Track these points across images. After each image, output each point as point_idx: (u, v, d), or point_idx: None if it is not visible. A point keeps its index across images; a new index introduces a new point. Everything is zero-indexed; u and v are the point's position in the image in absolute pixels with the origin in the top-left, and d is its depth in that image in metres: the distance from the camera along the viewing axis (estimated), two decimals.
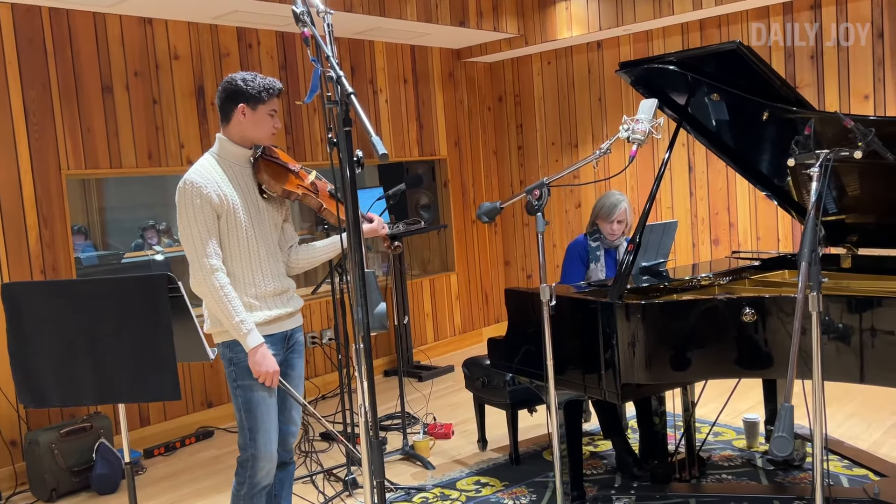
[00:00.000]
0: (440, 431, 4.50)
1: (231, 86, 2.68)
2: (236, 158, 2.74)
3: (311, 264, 2.94)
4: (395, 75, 6.24)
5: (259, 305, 2.72)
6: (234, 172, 2.72)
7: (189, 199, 2.61)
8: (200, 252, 2.60)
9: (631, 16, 5.56)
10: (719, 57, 3.09)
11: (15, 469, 4.20)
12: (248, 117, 2.68)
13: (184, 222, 2.62)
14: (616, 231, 3.93)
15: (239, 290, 2.67)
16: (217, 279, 2.59)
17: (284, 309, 2.80)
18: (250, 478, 2.72)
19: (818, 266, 2.16)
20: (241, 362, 2.66)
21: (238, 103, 2.67)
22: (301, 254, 2.91)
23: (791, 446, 1.96)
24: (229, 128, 2.72)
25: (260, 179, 2.74)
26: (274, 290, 2.77)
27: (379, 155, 1.78)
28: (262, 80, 2.69)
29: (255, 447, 2.70)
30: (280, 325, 2.80)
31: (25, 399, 2.36)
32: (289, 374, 2.86)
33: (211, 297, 2.61)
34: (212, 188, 2.62)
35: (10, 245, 4.26)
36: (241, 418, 2.72)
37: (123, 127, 4.70)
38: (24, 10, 4.30)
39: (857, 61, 5.03)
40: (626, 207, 3.93)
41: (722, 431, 4.22)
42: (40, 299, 2.31)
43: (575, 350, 3.13)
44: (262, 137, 2.74)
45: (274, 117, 2.73)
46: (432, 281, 6.61)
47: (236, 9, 4.72)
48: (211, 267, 2.59)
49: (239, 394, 2.70)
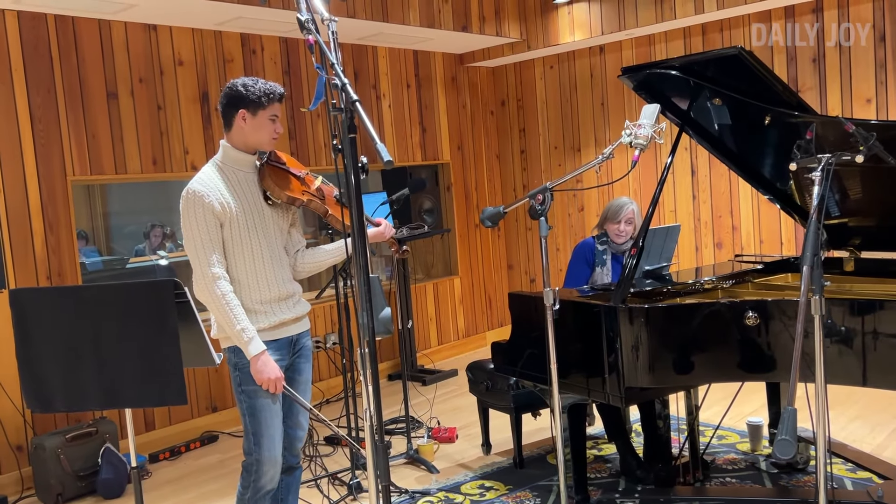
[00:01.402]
0: (444, 435, 4.51)
1: (232, 91, 2.69)
2: (240, 165, 2.74)
3: (317, 268, 2.95)
4: (398, 80, 6.26)
5: (264, 310, 2.73)
6: (237, 179, 2.72)
7: (192, 208, 2.62)
8: (203, 261, 2.61)
9: (633, 20, 5.57)
10: (721, 62, 3.11)
11: (21, 474, 4.22)
12: (249, 123, 2.68)
13: (187, 231, 2.64)
14: (623, 232, 3.93)
15: (244, 295, 2.69)
16: (219, 287, 2.61)
17: (290, 314, 2.81)
18: (255, 482, 2.73)
19: (821, 269, 2.17)
20: (246, 367, 2.67)
21: (238, 109, 2.67)
22: (307, 258, 2.92)
23: (794, 449, 1.96)
24: (232, 134, 2.73)
25: (265, 186, 2.75)
26: (279, 295, 2.77)
27: (384, 162, 1.80)
28: (263, 85, 2.69)
29: (260, 452, 2.71)
30: (286, 329, 2.80)
31: (32, 404, 2.37)
32: (296, 378, 2.86)
33: (213, 305, 2.62)
34: (214, 196, 2.63)
35: (16, 250, 4.29)
36: (245, 423, 2.73)
37: (128, 133, 4.73)
38: (30, 17, 4.33)
39: (859, 64, 5.04)
40: (635, 209, 3.93)
41: (725, 435, 4.22)
42: (47, 305, 2.33)
43: (578, 354, 3.14)
44: (264, 143, 2.74)
45: (275, 122, 2.73)
46: (436, 285, 6.62)
47: (240, 15, 4.74)
48: (213, 275, 2.60)
49: (244, 399, 2.71)
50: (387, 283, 6.28)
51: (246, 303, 2.68)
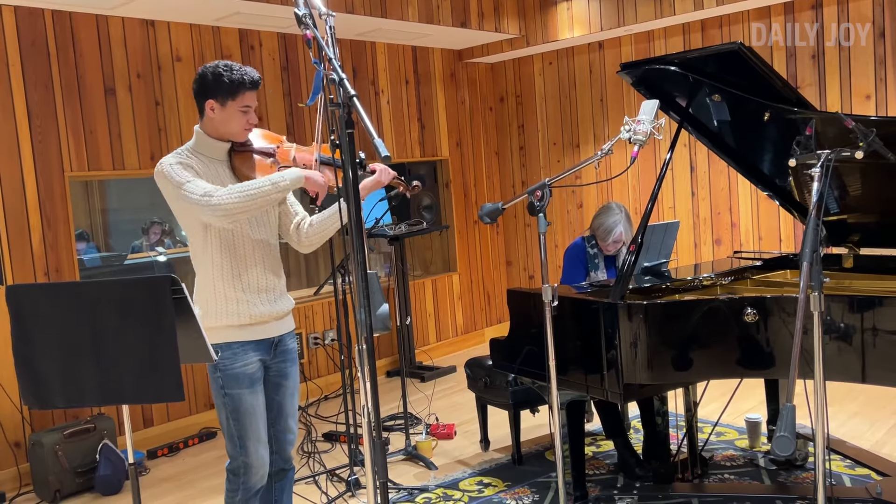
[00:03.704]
0: (442, 432, 4.51)
1: (201, 79, 2.55)
2: (213, 153, 2.63)
3: (323, 236, 2.75)
4: (396, 76, 6.25)
5: (245, 299, 2.60)
6: (213, 168, 2.61)
7: (169, 167, 2.50)
8: (195, 193, 2.44)
9: (632, 16, 5.56)
10: (720, 58, 3.10)
11: (19, 470, 4.21)
12: (218, 113, 2.56)
13: (170, 188, 2.50)
14: (612, 249, 3.93)
15: (225, 283, 2.58)
16: (220, 191, 2.44)
17: (270, 308, 2.67)
18: (244, 484, 2.65)
19: (820, 266, 2.17)
20: (228, 369, 2.58)
21: (207, 98, 2.55)
22: (313, 229, 2.75)
23: (793, 446, 1.96)
24: (204, 122, 2.61)
25: (236, 174, 2.63)
26: (263, 286, 2.65)
27: (382, 157, 1.79)
28: (234, 73, 2.52)
29: (247, 454, 2.62)
30: (266, 329, 2.67)
31: (29, 400, 2.36)
32: (282, 384, 2.75)
33: (237, 204, 2.42)
34: (193, 162, 2.54)
35: (13, 247, 4.28)
36: (229, 426, 2.62)
37: (126, 128, 4.72)
38: (27, 13, 4.31)
39: (859, 61, 5.03)
40: (623, 229, 3.87)
41: (724, 431, 4.22)
42: (44, 301, 2.32)
43: (577, 350, 3.13)
44: (235, 134, 2.61)
45: (248, 113, 2.58)
46: (434, 281, 6.61)
47: (238, 10, 4.73)
48: (206, 194, 2.43)
49: (227, 402, 2.60)
50: (385, 279, 6.27)
51: (226, 290, 2.58)
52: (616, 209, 3.90)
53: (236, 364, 2.60)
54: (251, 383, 2.62)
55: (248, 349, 2.62)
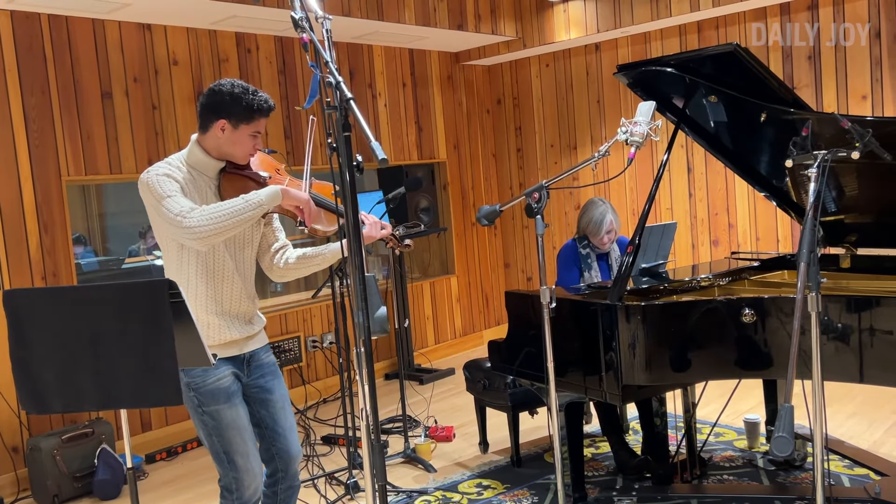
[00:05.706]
0: (441, 434, 4.51)
1: (216, 95, 2.47)
2: (205, 169, 2.54)
3: (297, 275, 2.72)
4: (393, 79, 6.25)
5: (218, 324, 2.53)
6: (203, 183, 2.53)
7: (154, 178, 2.41)
8: (171, 211, 2.36)
9: (629, 18, 5.57)
10: (717, 59, 3.10)
11: (17, 475, 4.20)
12: (227, 135, 2.48)
13: (151, 201, 2.42)
14: (606, 242, 3.95)
15: (199, 306, 2.50)
16: (194, 213, 2.34)
17: (242, 331, 2.59)
18: (238, 499, 2.58)
19: (817, 266, 2.17)
20: (202, 386, 2.49)
21: (219, 117, 2.47)
22: (292, 264, 2.70)
23: (792, 446, 1.96)
24: (206, 137, 2.51)
25: (221, 194, 2.54)
26: (240, 312, 2.59)
27: (379, 160, 1.79)
28: (254, 98, 2.46)
29: (236, 469, 2.54)
30: (239, 346, 2.60)
31: (27, 405, 2.36)
32: (268, 399, 2.66)
33: (213, 223, 2.34)
34: (179, 176, 2.46)
35: (10, 251, 4.27)
36: (212, 444, 2.54)
37: (123, 133, 4.71)
38: (24, 17, 4.31)
39: (855, 61, 5.04)
40: (611, 217, 3.92)
41: (723, 432, 4.23)
42: (42, 306, 2.31)
43: (575, 352, 3.13)
44: (239, 157, 2.54)
45: (256, 138, 2.52)
46: (432, 284, 6.61)
47: (234, 14, 4.73)
48: (182, 212, 2.34)
49: (207, 420, 2.52)
50: (383, 282, 6.27)
51: (198, 313, 2.50)
52: (599, 202, 3.97)
53: (209, 380, 2.51)
54: (228, 397, 2.54)
55: (219, 364, 2.54)
